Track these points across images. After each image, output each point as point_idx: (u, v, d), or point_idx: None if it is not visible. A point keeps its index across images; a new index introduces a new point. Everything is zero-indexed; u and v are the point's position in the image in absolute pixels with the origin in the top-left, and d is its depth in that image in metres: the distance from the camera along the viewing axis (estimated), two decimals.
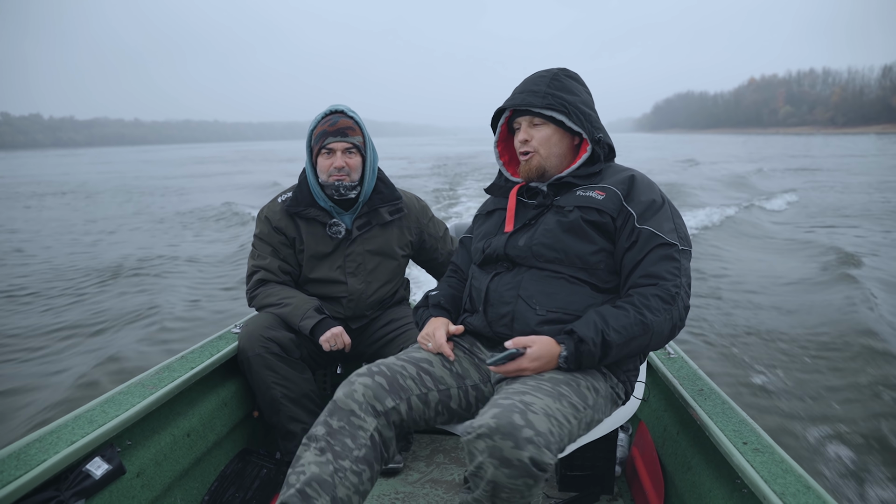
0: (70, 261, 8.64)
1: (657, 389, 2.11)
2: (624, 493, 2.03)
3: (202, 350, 2.08)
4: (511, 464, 1.19)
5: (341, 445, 1.39)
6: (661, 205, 1.55)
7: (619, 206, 1.54)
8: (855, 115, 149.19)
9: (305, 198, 2.18)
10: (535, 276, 1.56)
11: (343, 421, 1.42)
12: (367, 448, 1.40)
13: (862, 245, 8.29)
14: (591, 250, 1.54)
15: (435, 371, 1.57)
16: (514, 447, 1.19)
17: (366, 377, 1.48)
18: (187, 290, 6.79)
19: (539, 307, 1.53)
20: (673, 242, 1.49)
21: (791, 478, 1.32)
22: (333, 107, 2.16)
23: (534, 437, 1.21)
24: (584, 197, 1.56)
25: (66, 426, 1.52)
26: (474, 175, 23.03)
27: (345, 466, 1.36)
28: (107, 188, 22.32)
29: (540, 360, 1.43)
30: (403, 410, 1.48)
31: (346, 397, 1.45)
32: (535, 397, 1.31)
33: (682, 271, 1.49)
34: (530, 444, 1.20)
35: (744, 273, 6.95)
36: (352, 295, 2.22)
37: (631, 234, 1.51)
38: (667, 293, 1.45)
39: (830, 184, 17.83)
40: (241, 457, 2.14)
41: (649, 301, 1.44)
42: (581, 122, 1.60)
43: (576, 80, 1.67)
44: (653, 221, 1.51)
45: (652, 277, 1.47)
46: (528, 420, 1.22)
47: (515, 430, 1.20)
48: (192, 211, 14.19)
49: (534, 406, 1.27)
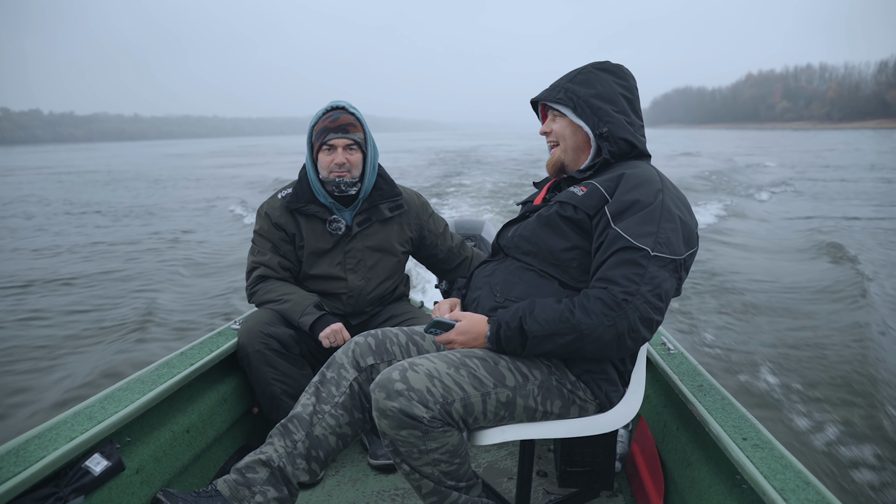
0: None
1: (657, 385, 2.11)
2: (624, 488, 2.04)
3: (202, 346, 2.08)
4: (385, 414, 1.34)
5: (327, 392, 1.62)
6: (646, 205, 1.42)
7: (598, 203, 1.47)
8: (851, 111, 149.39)
9: (305, 194, 2.17)
10: (510, 266, 1.60)
11: (334, 372, 1.64)
12: (346, 395, 1.62)
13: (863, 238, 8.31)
14: (563, 246, 1.51)
15: (423, 344, 1.69)
16: (385, 398, 1.34)
17: (361, 337, 1.68)
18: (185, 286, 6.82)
19: (499, 294, 1.56)
20: (641, 247, 1.37)
21: (791, 473, 1.32)
22: (335, 103, 2.15)
23: (404, 391, 1.34)
24: (568, 192, 1.55)
25: (66, 423, 1.52)
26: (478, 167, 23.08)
27: (324, 409, 1.60)
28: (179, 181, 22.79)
29: (467, 335, 1.49)
30: (383, 371, 1.54)
31: (341, 353, 1.67)
32: (428, 361, 1.41)
33: (644, 278, 1.36)
34: (400, 396, 1.33)
35: (744, 266, 6.96)
36: (352, 291, 2.21)
37: (601, 234, 1.45)
38: (611, 298, 1.35)
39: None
40: (240, 453, 2.14)
41: (589, 302, 1.37)
42: (585, 115, 1.56)
43: (610, 73, 1.61)
44: (626, 223, 1.41)
45: (604, 281, 1.39)
46: (404, 377, 1.35)
47: (389, 383, 1.35)
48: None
49: (418, 366, 1.38)
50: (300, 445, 1.57)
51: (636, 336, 1.37)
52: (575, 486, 1.86)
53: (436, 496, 1.45)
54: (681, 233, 1.44)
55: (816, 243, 8.24)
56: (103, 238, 10.32)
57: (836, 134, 74.80)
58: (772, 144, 42.27)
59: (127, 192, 18.87)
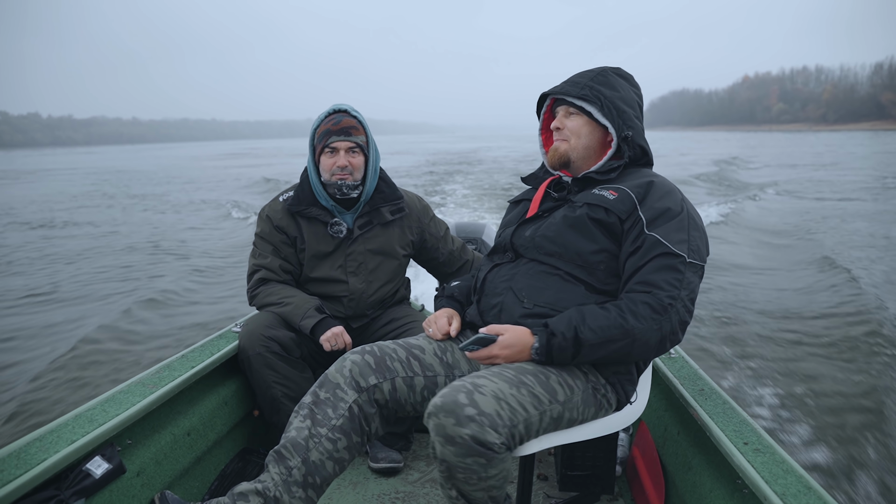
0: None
1: (658, 389, 2.12)
2: (624, 492, 2.04)
3: (202, 349, 2.07)
4: (454, 441, 1.25)
5: (322, 414, 1.50)
6: (676, 213, 1.48)
7: (630, 209, 1.49)
8: (846, 113, 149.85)
9: (307, 197, 2.17)
10: (531, 269, 1.56)
11: (329, 392, 1.53)
12: (344, 418, 1.50)
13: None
14: (592, 248, 1.51)
15: (425, 358, 1.60)
16: (455, 424, 1.24)
17: (357, 355, 1.57)
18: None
19: (526, 300, 1.52)
20: (679, 253, 1.42)
21: (792, 478, 1.33)
22: (337, 105, 2.15)
23: (476, 416, 1.24)
24: (596, 195, 1.54)
25: (67, 425, 1.51)
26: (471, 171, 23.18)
27: (321, 433, 1.48)
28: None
29: (511, 349, 1.44)
30: (386, 390, 1.53)
31: (335, 371, 1.55)
32: (489, 381, 1.33)
33: (683, 283, 1.41)
34: (472, 422, 1.24)
35: (744, 270, 6.97)
36: (353, 294, 2.21)
37: (636, 239, 1.47)
38: (658, 302, 1.39)
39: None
40: (241, 456, 2.13)
41: (637, 307, 1.40)
42: (612, 116, 1.57)
43: (625, 79, 1.64)
44: (662, 229, 1.45)
45: (647, 285, 1.42)
46: (472, 400, 1.26)
47: (458, 407, 1.25)
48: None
49: (483, 388, 1.30)
50: (296, 472, 1.45)
51: (675, 339, 1.43)
52: (575, 490, 1.86)
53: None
54: (703, 241, 1.51)
55: (812, 244, 8.26)
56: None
57: (828, 136, 75.23)
58: (758, 146, 42.39)
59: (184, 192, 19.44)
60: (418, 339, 1.68)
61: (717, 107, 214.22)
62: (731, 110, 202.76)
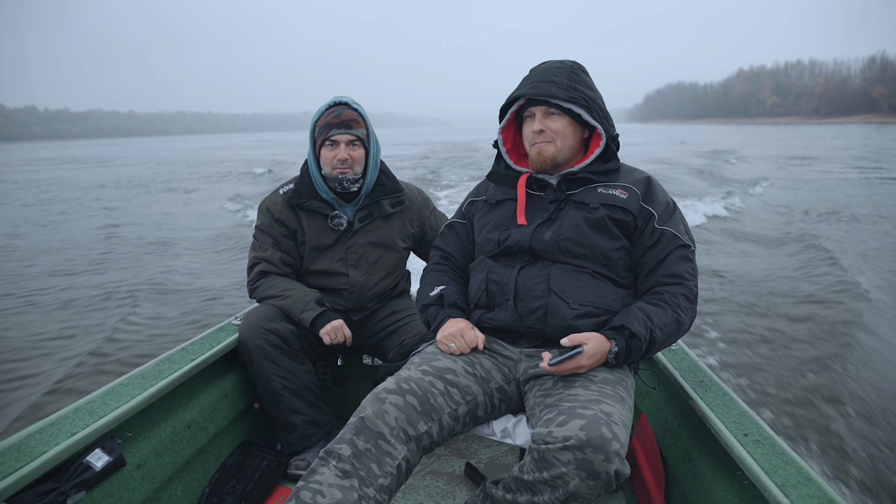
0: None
1: (658, 381, 2.12)
2: (625, 484, 2.05)
3: (202, 342, 2.07)
4: (598, 476, 1.22)
5: (366, 471, 1.29)
6: (674, 207, 1.63)
7: (639, 206, 1.59)
8: (838, 106, 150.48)
9: (307, 189, 2.16)
10: (563, 270, 1.57)
11: (370, 443, 1.33)
12: (392, 477, 1.32)
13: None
14: (613, 247, 1.59)
15: (461, 381, 1.52)
16: (604, 461, 1.22)
17: (397, 396, 1.40)
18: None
19: (572, 301, 1.54)
20: (689, 244, 1.59)
21: (792, 469, 1.33)
22: (337, 98, 2.14)
23: (619, 450, 1.25)
24: (609, 195, 1.61)
25: (67, 418, 1.51)
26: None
27: (369, 495, 1.27)
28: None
29: (595, 357, 1.47)
30: (435, 432, 1.42)
31: (376, 418, 1.36)
32: (610, 406, 1.34)
33: (695, 271, 1.59)
34: (617, 457, 1.24)
35: (740, 262, 6.99)
36: (353, 287, 2.21)
37: (653, 234, 1.58)
38: (690, 292, 1.56)
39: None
40: (241, 448, 2.13)
41: (678, 300, 1.53)
42: (599, 117, 1.60)
43: (587, 74, 1.66)
44: (671, 223, 1.59)
45: (676, 277, 1.56)
46: (613, 433, 1.25)
47: (605, 443, 1.23)
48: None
49: (613, 416, 1.30)
50: None
51: (692, 322, 1.59)
52: None
53: None
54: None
55: (805, 236, 8.29)
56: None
57: (817, 129, 75.61)
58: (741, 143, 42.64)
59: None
60: (441, 359, 1.56)
61: (712, 100, 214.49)
62: (726, 103, 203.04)
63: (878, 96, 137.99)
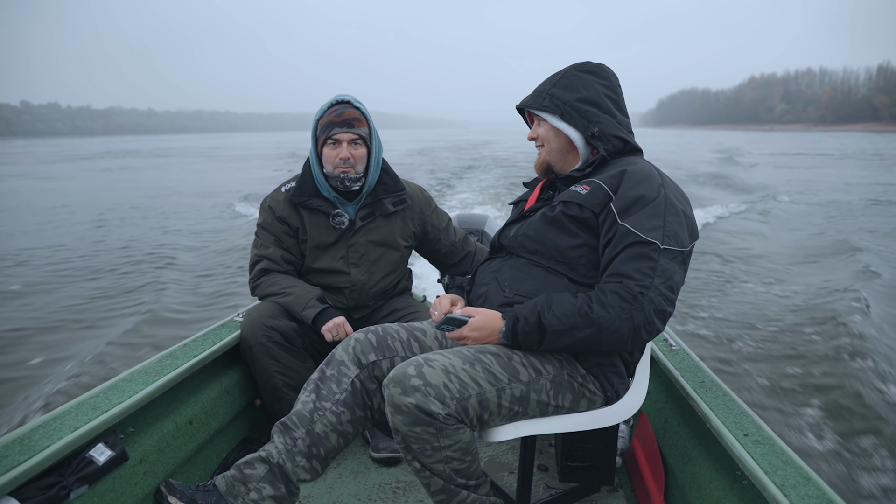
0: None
1: (658, 381, 2.12)
2: (624, 484, 2.04)
3: (205, 338, 2.08)
4: (401, 410, 1.33)
5: (327, 389, 1.61)
6: (650, 200, 1.46)
7: (603, 201, 1.49)
8: (843, 114, 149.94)
9: (309, 188, 2.18)
10: (517, 263, 1.61)
11: (334, 369, 1.63)
12: (347, 392, 1.60)
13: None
14: (570, 244, 1.53)
15: (425, 340, 1.69)
16: (401, 393, 1.33)
17: (361, 334, 1.68)
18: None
19: (508, 290, 1.57)
20: (651, 241, 1.40)
21: (791, 469, 1.33)
22: (340, 97, 2.15)
23: (420, 386, 1.33)
24: (571, 192, 1.57)
25: (70, 412, 1.52)
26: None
27: (325, 406, 1.58)
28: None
29: (480, 331, 1.50)
30: (385, 367, 1.62)
31: (341, 350, 1.66)
32: (443, 356, 1.41)
33: (656, 271, 1.39)
34: (416, 392, 1.32)
35: (748, 264, 6.96)
36: (354, 285, 2.22)
37: (609, 231, 1.47)
38: (628, 292, 1.38)
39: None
40: (243, 445, 2.15)
41: (606, 297, 1.40)
42: (574, 119, 1.59)
43: (592, 74, 1.63)
44: (634, 218, 1.44)
45: (618, 276, 1.41)
46: (420, 372, 1.35)
47: (405, 378, 1.34)
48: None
49: (433, 362, 1.38)
50: (300, 443, 1.55)
51: (651, 328, 1.41)
52: (576, 481, 1.87)
53: (444, 494, 1.45)
54: (685, 225, 1.48)
55: (817, 244, 8.23)
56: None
57: (819, 136, 75.13)
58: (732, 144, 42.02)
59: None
60: (422, 323, 1.76)
61: (724, 106, 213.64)
62: (737, 110, 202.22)
63: (880, 105, 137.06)
